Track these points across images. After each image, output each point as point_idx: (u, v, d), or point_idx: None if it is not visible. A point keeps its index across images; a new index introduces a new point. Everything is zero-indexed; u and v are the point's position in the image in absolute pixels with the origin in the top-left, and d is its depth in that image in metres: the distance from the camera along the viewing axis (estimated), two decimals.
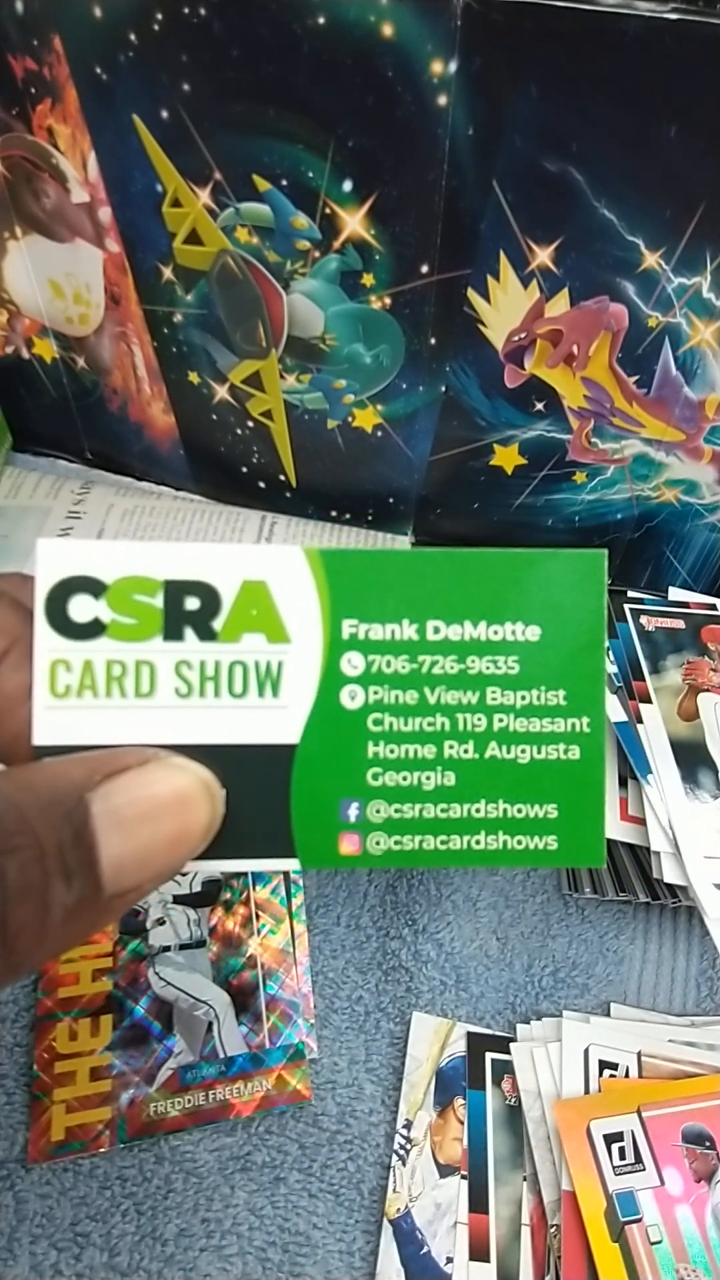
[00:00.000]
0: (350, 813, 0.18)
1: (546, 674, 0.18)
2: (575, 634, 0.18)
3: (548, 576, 0.18)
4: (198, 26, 0.30)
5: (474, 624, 0.18)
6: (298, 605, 0.18)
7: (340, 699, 0.18)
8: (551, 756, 0.18)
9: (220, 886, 0.39)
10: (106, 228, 0.39)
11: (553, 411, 0.41)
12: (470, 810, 0.18)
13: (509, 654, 0.18)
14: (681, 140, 0.31)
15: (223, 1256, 0.32)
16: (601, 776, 0.18)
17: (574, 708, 0.18)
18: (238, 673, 0.18)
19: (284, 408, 0.43)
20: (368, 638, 0.18)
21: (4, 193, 0.40)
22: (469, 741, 0.18)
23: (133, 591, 0.17)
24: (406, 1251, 0.32)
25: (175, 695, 0.17)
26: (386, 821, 0.18)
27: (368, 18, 0.29)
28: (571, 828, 0.18)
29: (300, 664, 0.18)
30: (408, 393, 0.41)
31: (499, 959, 0.39)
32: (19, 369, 0.48)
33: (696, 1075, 0.35)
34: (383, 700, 0.18)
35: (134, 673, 0.17)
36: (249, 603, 0.18)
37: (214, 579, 0.17)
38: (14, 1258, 0.31)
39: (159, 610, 0.17)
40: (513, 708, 0.18)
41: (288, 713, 0.18)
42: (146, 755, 0.17)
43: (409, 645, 0.18)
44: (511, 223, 0.34)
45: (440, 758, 0.18)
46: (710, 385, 0.39)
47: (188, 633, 0.17)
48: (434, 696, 0.18)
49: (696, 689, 0.43)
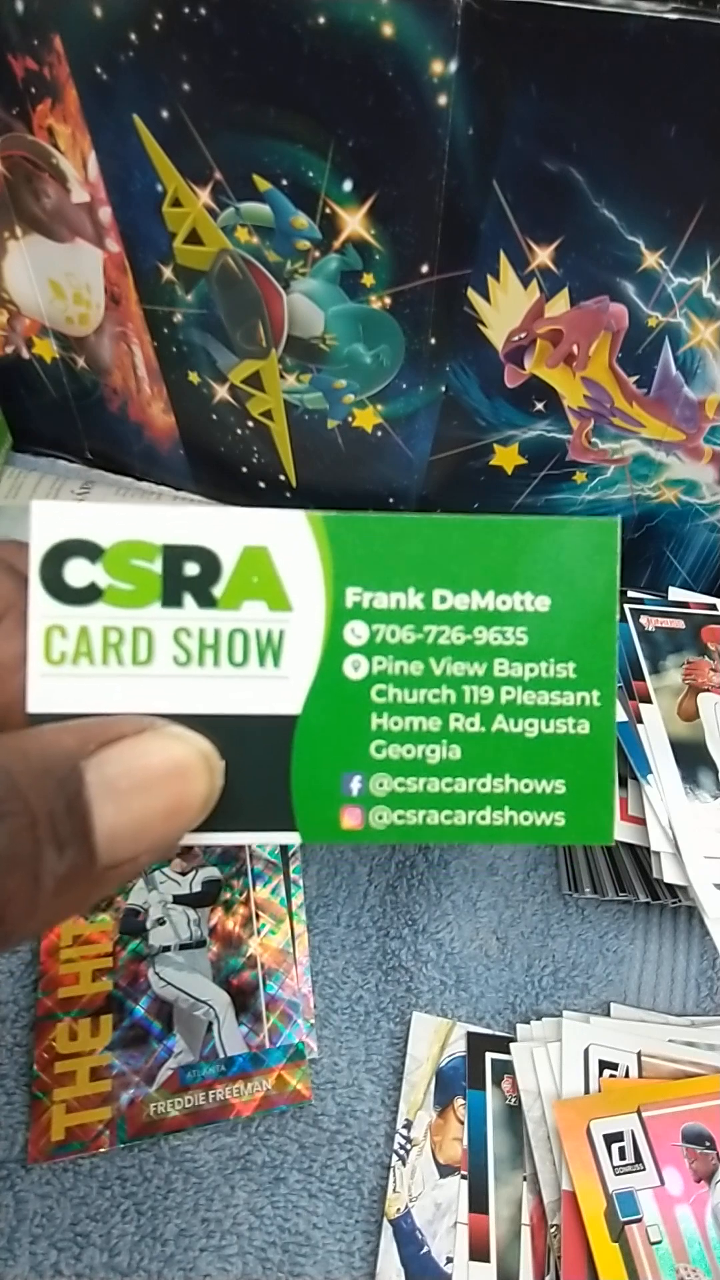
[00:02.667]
0: (353, 786, 0.18)
1: (556, 646, 0.18)
2: (586, 605, 0.18)
3: (559, 546, 0.18)
4: (198, 26, 0.30)
5: (482, 593, 0.18)
6: (300, 572, 0.17)
7: (343, 669, 0.17)
8: (560, 731, 0.18)
9: (220, 886, 0.39)
10: (106, 228, 0.39)
11: (553, 411, 0.41)
12: (476, 785, 0.18)
13: (517, 625, 0.18)
14: (681, 140, 0.31)
15: (223, 1256, 0.32)
16: (612, 751, 0.18)
17: (584, 681, 0.18)
18: (238, 641, 0.17)
19: (284, 408, 0.43)
20: (372, 606, 0.17)
21: (4, 193, 0.40)
22: (475, 714, 0.18)
23: (130, 556, 0.17)
24: (406, 1251, 0.32)
25: (173, 663, 0.17)
26: (390, 795, 0.18)
27: (368, 18, 0.29)
28: (580, 804, 0.18)
29: (302, 633, 0.17)
30: (408, 393, 0.41)
31: (499, 959, 0.39)
32: (19, 369, 0.48)
33: (696, 1075, 0.35)
34: (387, 671, 0.18)
35: (131, 640, 0.17)
36: (250, 569, 0.17)
37: (214, 544, 0.17)
38: (14, 1258, 0.31)
39: (157, 576, 0.17)
40: (521, 680, 0.18)
41: (289, 683, 0.17)
42: (143, 724, 0.16)
43: (414, 615, 0.18)
44: (511, 223, 0.34)
45: (445, 730, 0.18)
46: (710, 385, 0.39)
47: (187, 599, 0.17)
48: (440, 668, 0.18)
49: (696, 689, 0.42)
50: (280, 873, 0.40)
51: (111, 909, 0.38)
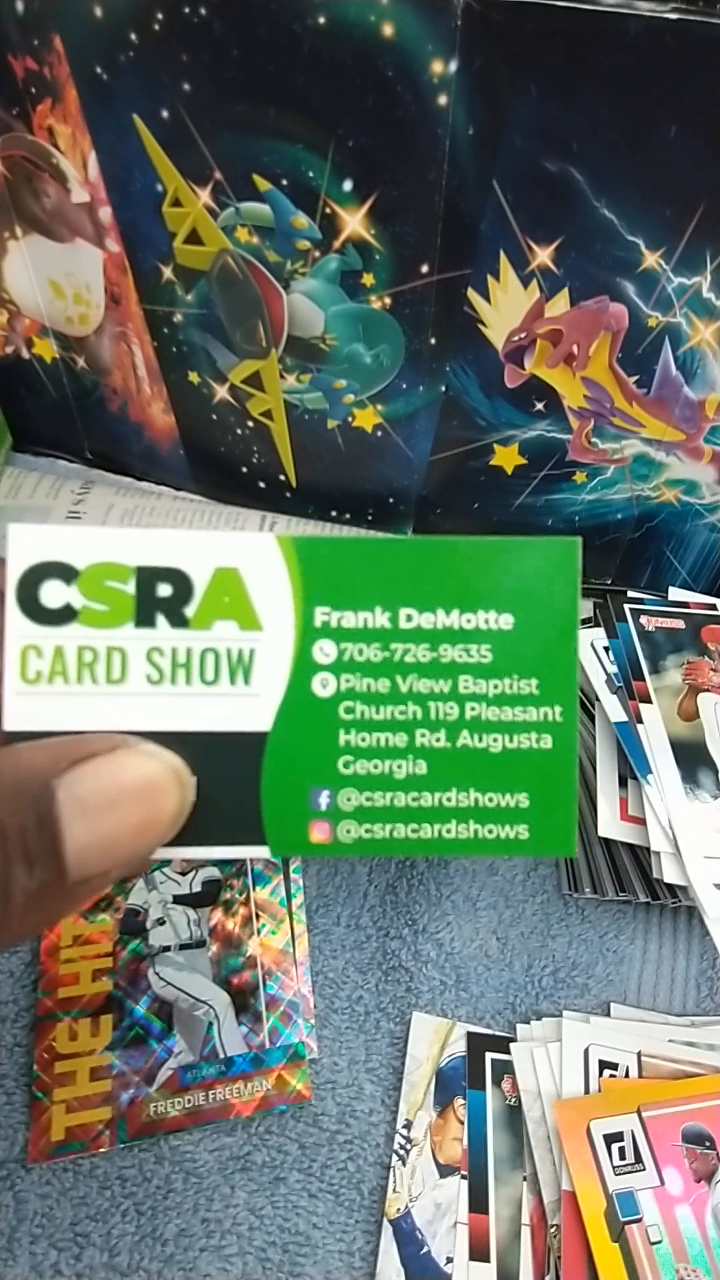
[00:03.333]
0: (321, 801, 0.18)
1: (519, 663, 0.18)
2: (549, 623, 0.18)
3: (521, 564, 0.18)
4: (198, 26, 0.30)
5: (447, 612, 0.18)
6: (270, 592, 0.18)
7: (312, 687, 0.18)
8: (523, 745, 0.18)
9: (220, 886, 0.39)
10: (106, 228, 0.39)
11: (553, 411, 0.41)
12: (441, 799, 0.18)
13: (482, 642, 0.18)
14: (681, 140, 0.31)
15: (223, 1256, 0.32)
16: (573, 765, 0.18)
17: (546, 697, 0.18)
18: (209, 660, 0.18)
19: (284, 408, 0.43)
20: (340, 625, 0.18)
21: (4, 193, 0.40)
22: (441, 730, 0.18)
23: (105, 578, 0.17)
24: (406, 1251, 0.32)
25: (146, 682, 0.17)
26: (357, 810, 0.18)
27: (368, 18, 0.29)
28: (543, 817, 0.18)
29: (272, 651, 0.18)
30: (408, 393, 0.41)
31: (499, 959, 0.39)
32: (19, 369, 0.48)
33: (696, 1075, 0.35)
34: (354, 688, 0.18)
35: (105, 659, 0.17)
36: (221, 590, 0.18)
37: (186, 565, 0.17)
38: (14, 1258, 0.31)
39: (131, 596, 0.17)
40: (485, 696, 0.18)
41: (259, 700, 0.18)
42: (115, 742, 0.16)
43: (381, 633, 0.18)
44: (511, 223, 0.34)
45: (412, 746, 0.18)
46: (710, 385, 0.39)
47: (159, 619, 0.17)
48: (406, 685, 0.18)
49: (696, 689, 0.42)
50: (280, 873, 0.40)
51: (111, 909, 0.38)
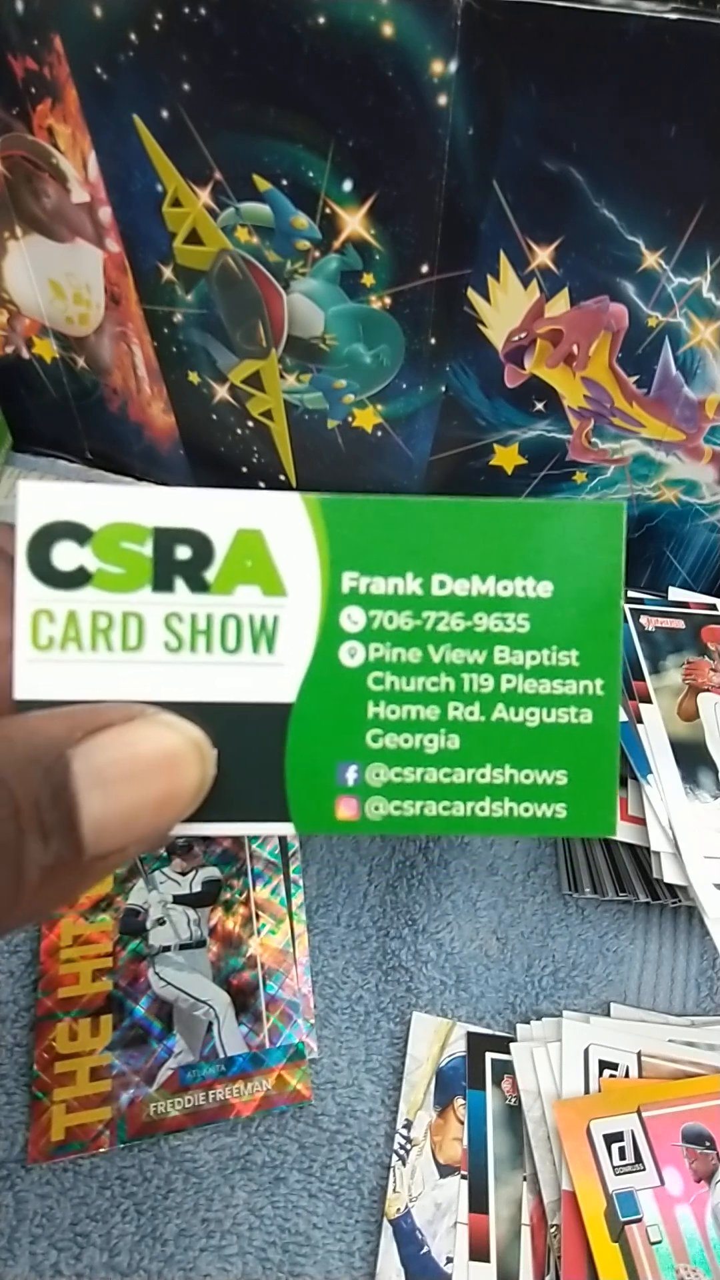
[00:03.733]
0: (348, 776, 0.17)
1: (559, 633, 0.17)
2: (590, 591, 0.17)
3: (562, 530, 0.17)
4: (198, 26, 0.30)
5: (482, 579, 0.17)
6: (295, 556, 0.17)
7: (339, 656, 0.17)
8: (562, 720, 0.17)
9: (220, 886, 0.39)
10: (106, 228, 0.39)
11: (553, 411, 0.41)
12: (475, 775, 0.17)
13: (519, 611, 0.17)
14: (681, 140, 0.31)
15: (223, 1256, 0.32)
16: (615, 742, 0.17)
17: (587, 669, 0.17)
18: (231, 627, 0.17)
19: (284, 408, 0.43)
20: (369, 592, 0.17)
21: (4, 193, 0.40)
22: (475, 703, 0.17)
23: (120, 539, 0.16)
24: (406, 1251, 0.32)
25: (164, 649, 0.17)
26: (386, 786, 0.17)
27: (368, 18, 0.29)
28: (582, 795, 0.17)
29: (297, 618, 0.17)
30: (408, 393, 0.41)
31: (499, 959, 0.39)
32: (19, 369, 0.48)
33: (696, 1075, 0.35)
34: (384, 658, 0.17)
35: (121, 625, 0.16)
36: (243, 553, 0.17)
37: (207, 527, 0.17)
38: (14, 1258, 0.31)
39: (148, 559, 0.16)
40: (522, 668, 0.17)
41: (283, 670, 0.17)
42: (132, 712, 0.16)
43: (413, 600, 0.17)
44: (511, 223, 0.34)
45: (444, 719, 0.17)
46: (710, 385, 0.39)
47: (178, 583, 0.17)
48: (438, 655, 0.17)
49: (696, 689, 0.42)
50: (280, 873, 0.40)
51: (111, 909, 0.38)
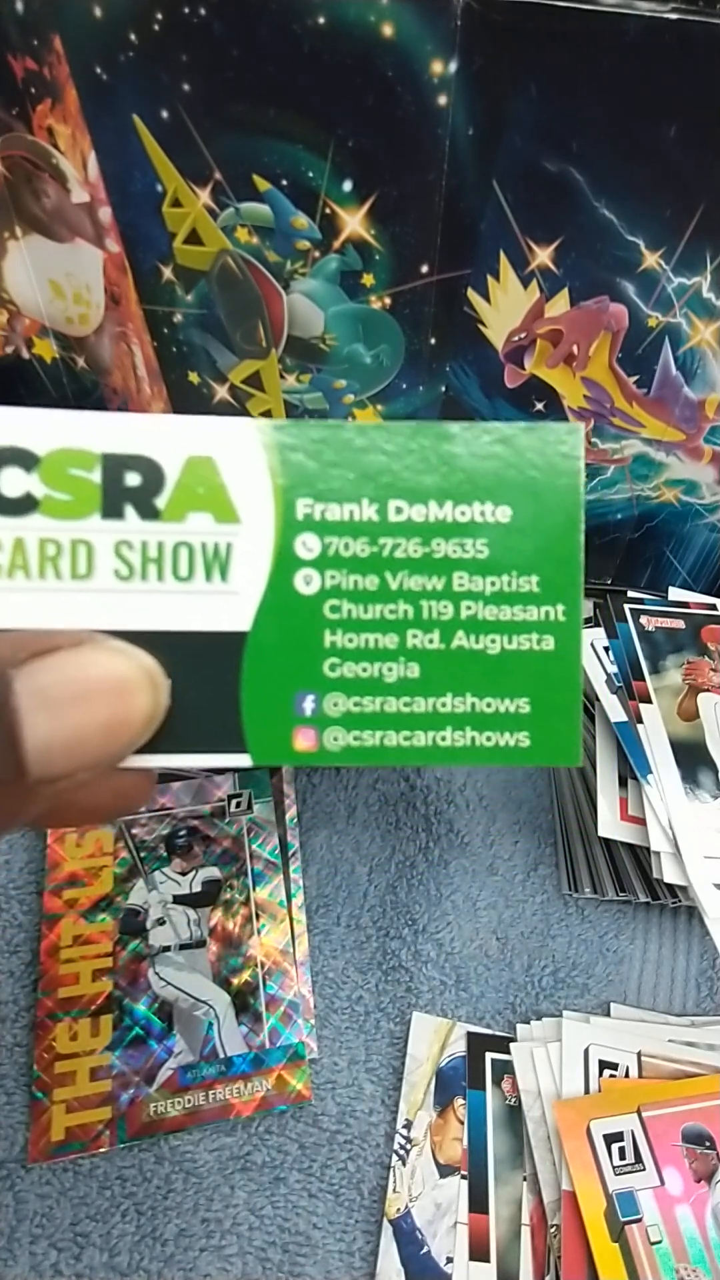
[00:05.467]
0: (306, 706, 0.17)
1: (518, 558, 0.17)
2: (550, 515, 0.17)
3: (520, 453, 0.17)
4: (198, 26, 0.30)
5: (439, 504, 0.17)
6: (248, 483, 0.16)
7: (295, 584, 0.17)
8: (524, 647, 0.17)
9: (220, 886, 0.39)
10: (106, 228, 0.39)
11: (553, 411, 0.41)
12: (436, 704, 0.17)
13: (477, 536, 0.17)
14: (681, 140, 0.30)
15: (223, 1256, 0.32)
16: (578, 668, 0.17)
17: (548, 595, 0.17)
18: (183, 554, 0.16)
19: (284, 408, 0.43)
20: (324, 518, 0.17)
21: (4, 193, 0.40)
22: (434, 630, 0.17)
23: (68, 465, 0.16)
24: (406, 1251, 0.32)
25: (115, 578, 0.16)
26: (345, 716, 0.17)
27: (368, 18, 0.29)
28: (545, 723, 0.17)
29: (251, 546, 0.16)
30: (408, 393, 0.41)
31: (499, 959, 0.39)
32: (19, 369, 0.48)
33: (696, 1075, 0.35)
34: (340, 585, 0.17)
35: (70, 553, 0.16)
36: (195, 479, 0.16)
37: (157, 453, 0.16)
38: (14, 1258, 0.31)
39: (97, 486, 0.16)
40: (481, 594, 0.17)
41: (238, 598, 0.16)
42: (80, 638, 0.15)
43: (369, 527, 0.17)
44: (511, 223, 0.34)
45: (403, 648, 0.17)
46: (710, 385, 0.39)
47: (128, 511, 0.16)
48: (396, 582, 0.17)
49: (696, 689, 0.42)
50: (280, 873, 0.40)
51: (111, 909, 0.38)
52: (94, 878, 0.39)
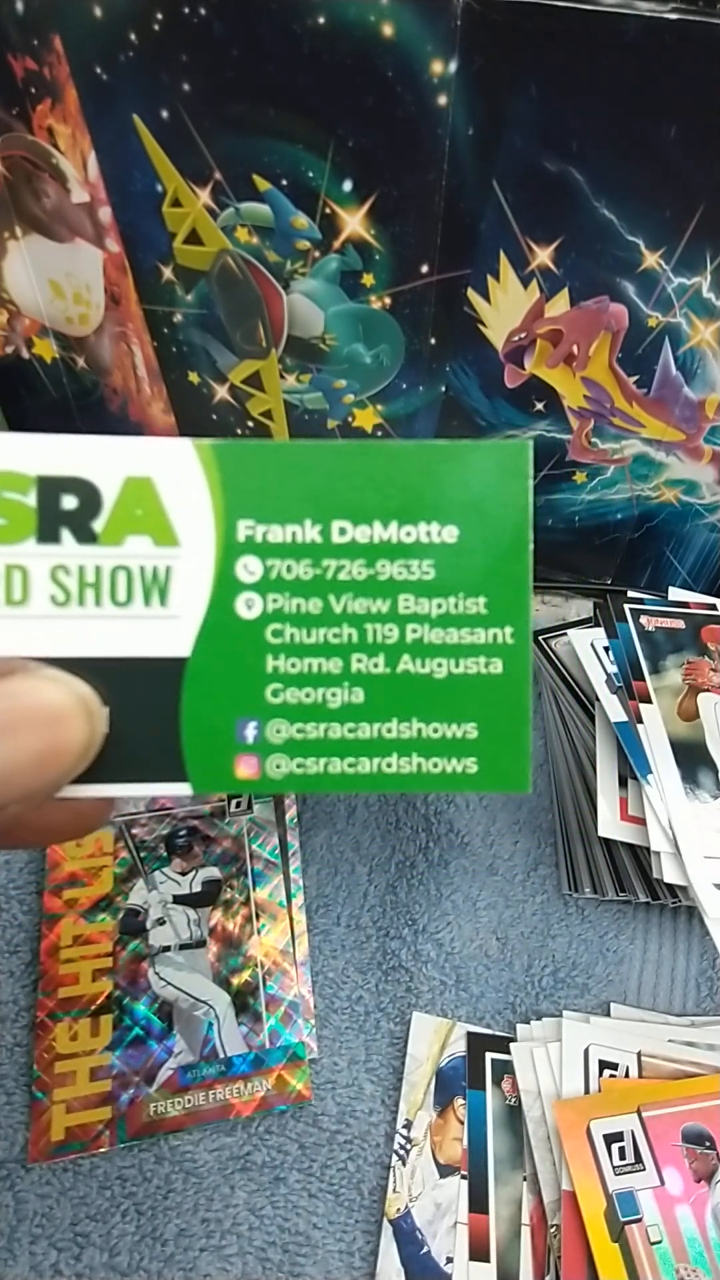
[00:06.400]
0: (248, 733, 0.16)
1: (465, 580, 0.16)
2: (497, 536, 0.16)
3: (467, 471, 0.16)
4: (198, 26, 0.30)
5: (384, 524, 0.16)
6: (187, 504, 0.16)
7: (235, 608, 0.16)
8: (471, 671, 0.17)
9: (220, 886, 0.39)
10: (106, 228, 0.39)
11: (553, 411, 0.41)
12: (381, 730, 0.17)
13: (423, 557, 0.16)
14: (681, 140, 0.31)
15: (223, 1256, 0.32)
16: (526, 692, 0.17)
17: (496, 617, 0.17)
18: (121, 579, 0.16)
19: (284, 408, 0.43)
20: (266, 540, 0.16)
21: (4, 193, 0.40)
22: (379, 654, 0.17)
23: (2, 488, 0.16)
24: (406, 1251, 0.32)
25: (51, 603, 0.16)
26: (288, 743, 0.16)
27: (368, 18, 0.29)
28: (493, 749, 0.17)
29: (191, 569, 0.16)
30: (408, 393, 0.41)
31: (499, 959, 0.39)
32: (19, 369, 0.48)
33: (696, 1075, 0.35)
34: (283, 609, 0.16)
35: (4, 578, 0.16)
36: (133, 502, 0.16)
37: (94, 475, 0.16)
38: (14, 1258, 0.31)
39: (32, 509, 0.16)
40: (428, 617, 0.17)
41: (178, 623, 0.16)
42: (12, 666, 0.15)
43: (312, 548, 0.16)
44: (511, 223, 0.34)
45: (347, 672, 0.16)
46: (710, 385, 0.39)
47: (64, 534, 0.16)
48: (340, 605, 0.16)
49: (696, 689, 0.42)
50: (280, 873, 0.40)
51: (111, 909, 0.38)
52: (94, 878, 0.39)
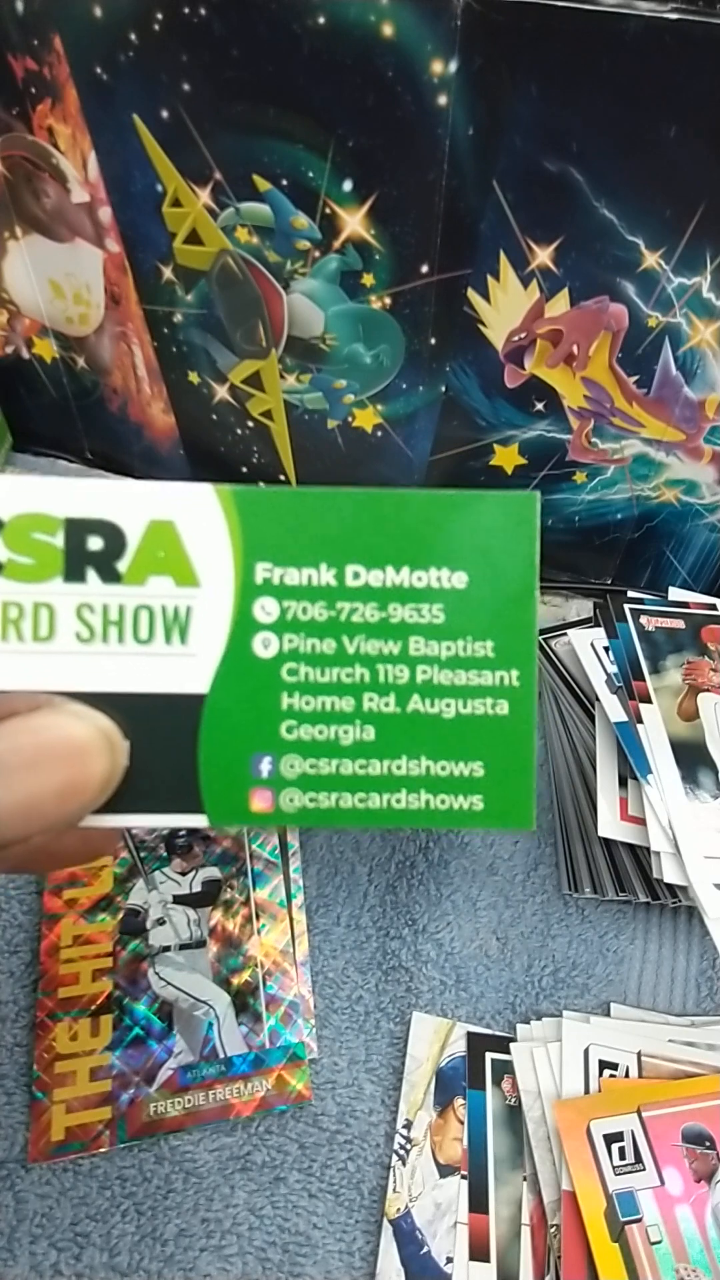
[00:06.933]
0: (262, 768, 0.17)
1: (474, 624, 0.17)
2: (505, 582, 0.17)
3: (476, 520, 0.17)
4: (198, 26, 0.30)
5: (396, 569, 0.17)
6: (208, 547, 0.17)
7: (253, 647, 0.17)
8: (478, 711, 0.17)
9: (220, 887, 0.39)
10: (106, 228, 0.39)
11: (553, 411, 0.41)
12: (391, 767, 0.17)
13: (434, 602, 0.17)
14: (681, 140, 0.31)
15: (223, 1256, 0.32)
16: (532, 733, 0.17)
17: (503, 660, 0.17)
18: (143, 617, 0.17)
19: (284, 408, 0.43)
20: (282, 582, 0.17)
21: (4, 193, 0.40)
22: (390, 694, 0.17)
23: (31, 529, 0.16)
24: (406, 1251, 0.32)
25: (76, 640, 0.17)
26: (301, 778, 0.17)
27: (368, 18, 0.29)
28: (499, 787, 0.17)
29: (210, 609, 0.17)
30: (408, 393, 0.41)
31: (499, 959, 0.39)
32: (19, 369, 0.48)
33: (696, 1075, 0.35)
34: (298, 649, 0.17)
35: (32, 615, 0.16)
36: (156, 544, 0.17)
37: (119, 518, 0.17)
38: (14, 1258, 0.31)
39: (59, 550, 0.16)
40: (437, 659, 0.17)
41: (196, 661, 0.17)
42: (38, 701, 0.16)
43: (327, 591, 0.17)
44: (511, 223, 0.34)
45: (359, 711, 0.17)
46: (710, 385, 0.39)
47: (90, 574, 0.17)
48: (353, 646, 0.17)
49: (696, 689, 0.42)
50: (280, 873, 0.40)
51: (111, 909, 0.38)
52: (94, 878, 0.39)
